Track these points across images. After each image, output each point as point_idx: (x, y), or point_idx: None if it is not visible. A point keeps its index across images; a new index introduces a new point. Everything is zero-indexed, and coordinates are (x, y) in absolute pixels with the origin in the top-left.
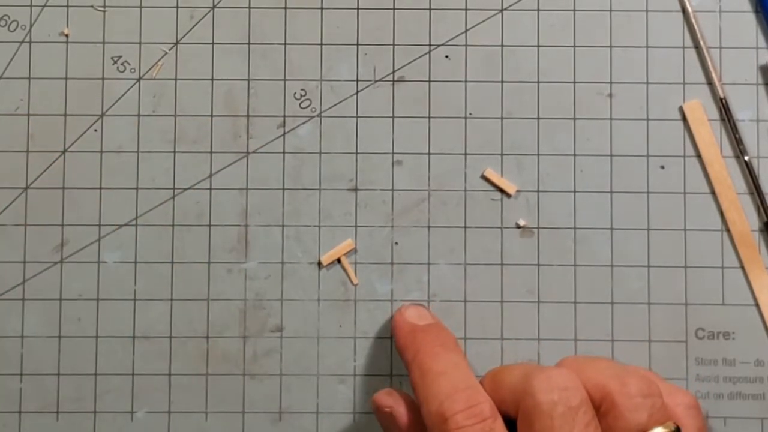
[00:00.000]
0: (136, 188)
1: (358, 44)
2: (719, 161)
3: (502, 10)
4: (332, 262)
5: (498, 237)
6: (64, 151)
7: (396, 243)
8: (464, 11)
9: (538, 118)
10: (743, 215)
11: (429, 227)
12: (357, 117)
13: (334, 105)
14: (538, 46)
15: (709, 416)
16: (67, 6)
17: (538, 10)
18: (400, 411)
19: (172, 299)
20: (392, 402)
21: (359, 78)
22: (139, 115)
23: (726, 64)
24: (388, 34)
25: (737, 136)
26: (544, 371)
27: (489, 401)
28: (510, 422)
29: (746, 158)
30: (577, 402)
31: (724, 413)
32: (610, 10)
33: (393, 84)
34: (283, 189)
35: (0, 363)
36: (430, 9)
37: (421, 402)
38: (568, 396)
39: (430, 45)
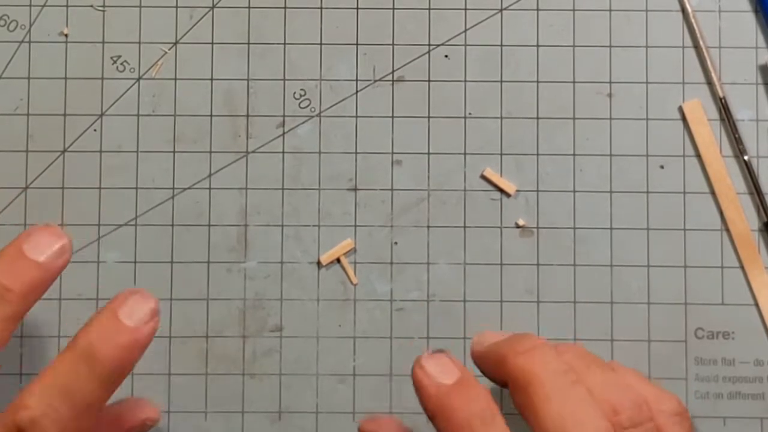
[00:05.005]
0: (136, 188)
1: (357, 44)
2: (719, 161)
3: (501, 10)
4: (332, 262)
5: (497, 237)
6: (63, 151)
7: (395, 243)
8: (464, 11)
9: (538, 118)
10: (743, 215)
11: (428, 227)
12: (356, 117)
13: (334, 105)
14: (538, 46)
15: (709, 416)
16: (67, 6)
17: (538, 9)
18: None
19: (171, 299)
20: (376, 427)
21: (359, 78)
22: (138, 115)
23: (726, 64)
24: (387, 34)
25: (737, 135)
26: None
27: None
28: None
29: (746, 158)
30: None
31: (723, 413)
32: (610, 10)
33: (392, 84)
34: (283, 189)
35: None
36: (429, 9)
37: None
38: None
39: (429, 45)
